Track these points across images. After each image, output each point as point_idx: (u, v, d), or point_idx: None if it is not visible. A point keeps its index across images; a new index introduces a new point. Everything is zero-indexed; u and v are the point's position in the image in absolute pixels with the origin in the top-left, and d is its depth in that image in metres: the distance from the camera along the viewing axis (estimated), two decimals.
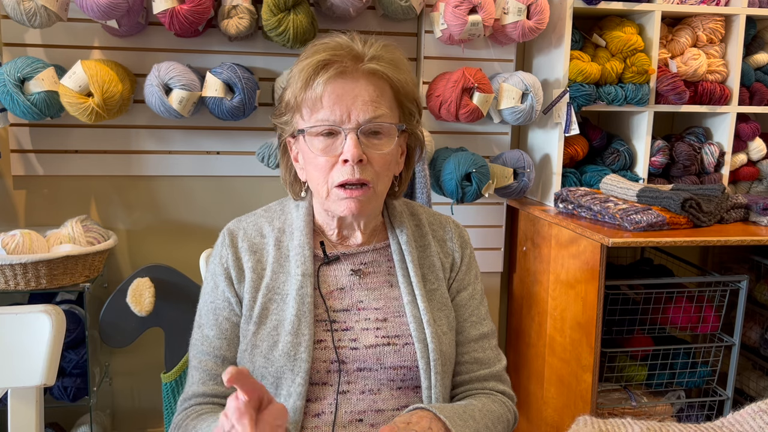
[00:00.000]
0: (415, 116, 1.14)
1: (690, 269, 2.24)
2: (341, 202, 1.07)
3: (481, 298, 1.21)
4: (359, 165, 1.04)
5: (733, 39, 2.23)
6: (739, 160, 2.35)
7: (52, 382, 1.15)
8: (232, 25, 1.92)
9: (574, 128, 2.08)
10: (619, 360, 2.09)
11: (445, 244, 1.21)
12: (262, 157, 2.03)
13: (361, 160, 1.04)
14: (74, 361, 1.93)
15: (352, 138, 1.03)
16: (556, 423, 2.10)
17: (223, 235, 1.17)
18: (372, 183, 1.06)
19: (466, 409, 1.05)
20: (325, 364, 1.07)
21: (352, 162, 1.04)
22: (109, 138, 2.08)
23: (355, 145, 1.03)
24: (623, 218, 1.85)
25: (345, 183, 1.05)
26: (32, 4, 1.75)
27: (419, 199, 1.98)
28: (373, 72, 1.05)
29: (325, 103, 1.04)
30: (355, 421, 1.07)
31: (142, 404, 2.27)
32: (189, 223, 2.20)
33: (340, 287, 1.13)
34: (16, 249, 1.75)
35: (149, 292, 1.78)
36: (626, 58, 2.12)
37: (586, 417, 0.75)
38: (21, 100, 1.81)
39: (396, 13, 2.02)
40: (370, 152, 1.06)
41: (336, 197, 1.07)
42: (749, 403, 0.74)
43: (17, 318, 1.13)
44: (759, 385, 2.29)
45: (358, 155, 1.03)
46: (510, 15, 2.03)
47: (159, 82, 1.87)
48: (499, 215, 2.35)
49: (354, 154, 1.03)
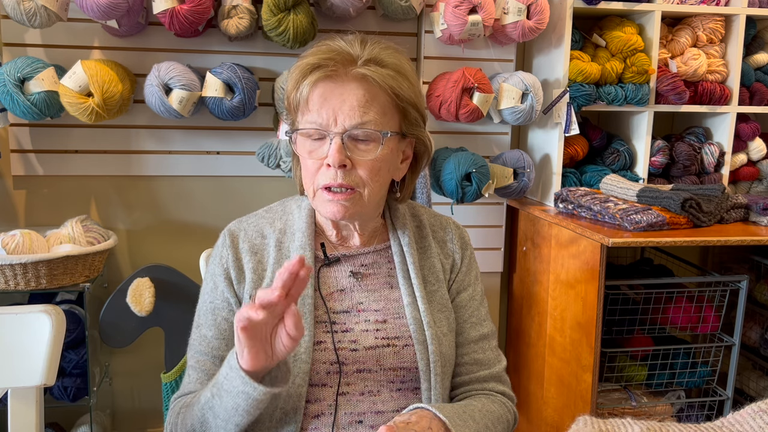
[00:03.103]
0: (420, 123, 1.13)
1: (690, 269, 2.24)
2: (326, 204, 1.07)
3: (481, 299, 1.21)
4: (342, 170, 1.04)
5: (733, 39, 2.23)
6: (739, 160, 2.35)
7: (52, 382, 1.15)
8: (232, 25, 1.92)
9: (574, 128, 2.08)
10: (619, 360, 2.09)
11: (446, 245, 1.21)
12: (262, 157, 2.03)
13: (344, 165, 1.04)
14: (74, 361, 1.93)
15: (336, 142, 1.03)
16: (556, 423, 2.10)
17: (224, 236, 1.17)
18: (358, 188, 1.06)
19: (465, 409, 1.05)
20: (325, 366, 1.07)
21: (334, 167, 1.03)
22: (109, 138, 2.08)
23: (338, 150, 1.03)
24: (623, 218, 1.85)
25: (329, 186, 1.05)
26: (32, 4, 1.75)
27: (419, 199, 1.98)
28: (363, 76, 1.04)
29: (311, 106, 1.04)
30: (354, 422, 1.07)
31: (142, 404, 2.27)
32: (189, 223, 2.20)
33: (340, 289, 1.13)
34: (16, 249, 1.75)
35: (149, 292, 1.78)
36: (626, 58, 2.12)
37: (586, 417, 0.74)
38: (21, 100, 1.81)
39: (396, 13, 2.02)
40: (356, 157, 1.05)
41: (321, 199, 1.07)
42: (749, 403, 0.74)
43: (17, 318, 1.13)
44: (759, 385, 2.29)
45: (340, 160, 1.03)
46: (510, 15, 2.03)
47: (159, 82, 1.87)
48: (499, 215, 2.35)
49: (336, 159, 1.03)
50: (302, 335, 0.90)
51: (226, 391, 0.96)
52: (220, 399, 0.97)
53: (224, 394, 0.96)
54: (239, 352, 0.92)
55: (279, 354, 0.92)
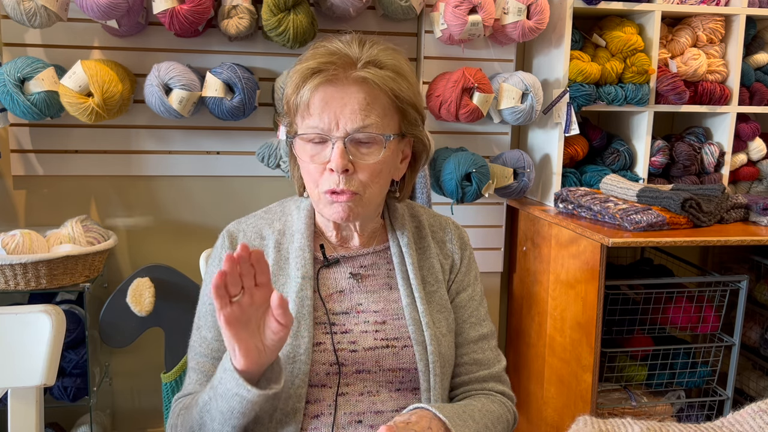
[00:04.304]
0: (419, 122, 1.13)
1: (690, 269, 2.24)
2: (330, 207, 1.07)
3: (480, 299, 1.21)
4: (345, 174, 1.04)
5: (733, 39, 2.23)
6: (739, 160, 2.35)
7: (52, 382, 1.15)
8: (232, 25, 1.92)
9: (574, 128, 2.08)
10: (619, 360, 2.09)
11: (445, 245, 1.21)
12: (262, 157, 2.03)
13: (347, 170, 1.04)
14: (74, 361, 1.93)
15: (338, 147, 1.03)
16: (556, 423, 2.10)
17: (223, 237, 1.17)
18: (359, 191, 1.06)
19: (465, 408, 1.05)
20: (324, 367, 1.07)
21: (337, 172, 1.03)
22: (109, 138, 2.08)
23: (341, 155, 1.03)
24: (623, 218, 1.85)
25: (332, 191, 1.05)
26: (32, 4, 1.75)
27: (419, 199, 1.98)
28: (363, 80, 1.04)
29: (313, 111, 1.04)
30: (354, 422, 1.07)
31: (142, 404, 2.27)
32: (189, 223, 2.20)
33: (339, 290, 1.13)
34: (16, 249, 1.75)
35: (149, 292, 1.78)
36: (626, 58, 2.12)
37: (586, 417, 0.74)
38: (21, 100, 1.81)
39: (396, 13, 2.02)
40: (358, 161, 1.05)
41: (325, 201, 1.07)
42: (749, 403, 0.74)
43: (17, 318, 1.13)
44: (759, 385, 2.29)
45: (343, 165, 1.03)
46: (510, 15, 2.03)
47: (159, 82, 1.87)
48: (499, 215, 2.35)
49: (339, 164, 1.03)
50: (292, 320, 0.90)
51: (221, 395, 0.96)
52: (216, 402, 0.97)
53: (219, 397, 0.96)
54: (231, 351, 0.92)
55: (270, 345, 0.92)
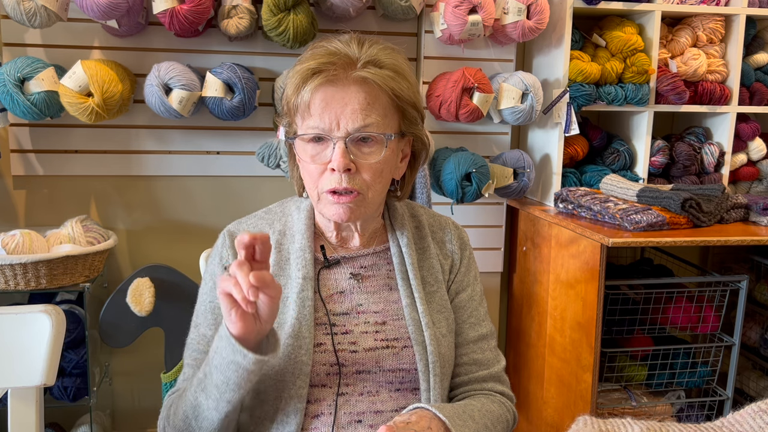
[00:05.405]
0: (418, 121, 1.13)
1: (690, 269, 2.24)
2: (331, 207, 1.07)
3: (480, 299, 1.21)
4: (347, 174, 1.04)
5: (733, 39, 2.23)
6: (739, 160, 2.35)
7: (52, 382, 1.15)
8: (232, 25, 1.92)
9: (574, 128, 2.08)
10: (619, 360, 2.09)
11: (445, 246, 1.21)
12: (262, 157, 2.03)
13: (349, 170, 1.04)
14: (74, 361, 1.93)
15: (340, 147, 1.03)
16: (556, 423, 2.10)
17: (223, 237, 1.17)
18: (361, 191, 1.06)
19: (465, 408, 1.05)
20: (325, 367, 1.07)
21: (339, 172, 1.03)
22: (109, 138, 2.08)
23: (343, 155, 1.03)
24: (623, 218, 1.85)
25: (333, 190, 1.05)
26: (32, 4, 1.75)
27: (419, 199, 1.98)
28: (363, 79, 1.04)
29: (313, 111, 1.04)
30: (354, 422, 1.07)
31: (142, 404, 2.27)
32: (189, 223, 2.20)
33: (340, 291, 1.13)
34: (16, 249, 1.75)
35: (149, 292, 1.78)
36: (626, 58, 2.12)
37: (586, 417, 0.74)
38: (21, 100, 1.81)
39: (396, 13, 2.02)
40: (359, 161, 1.05)
41: (326, 201, 1.07)
42: (749, 403, 0.74)
43: (17, 318, 1.13)
44: (759, 385, 2.29)
45: (345, 165, 1.03)
46: (510, 15, 2.03)
47: (159, 82, 1.87)
48: (499, 215, 2.35)
49: (341, 163, 1.03)
50: (280, 290, 0.91)
51: (216, 367, 0.96)
52: (211, 377, 0.97)
53: (215, 369, 0.96)
54: (226, 316, 0.92)
55: (264, 315, 0.92)
